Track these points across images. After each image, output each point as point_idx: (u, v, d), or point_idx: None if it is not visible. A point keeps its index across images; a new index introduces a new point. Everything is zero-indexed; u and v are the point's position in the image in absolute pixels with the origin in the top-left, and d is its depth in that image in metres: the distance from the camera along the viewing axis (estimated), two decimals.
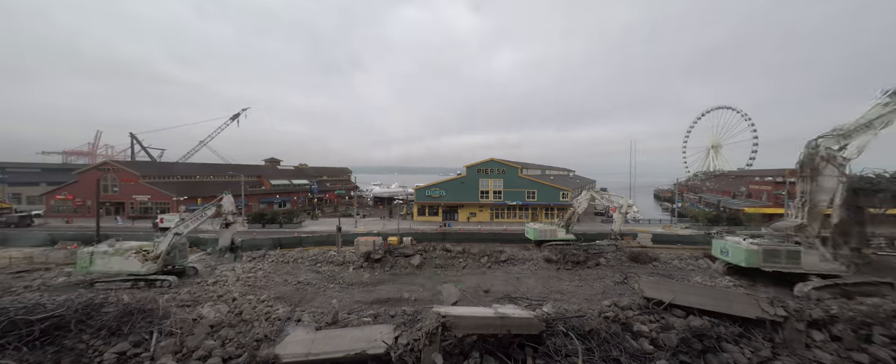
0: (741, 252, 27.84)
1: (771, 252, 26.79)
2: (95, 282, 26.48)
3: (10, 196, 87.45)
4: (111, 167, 71.73)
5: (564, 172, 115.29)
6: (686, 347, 14.16)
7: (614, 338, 14.32)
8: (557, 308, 16.68)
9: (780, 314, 15.53)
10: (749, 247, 27.53)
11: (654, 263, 33.35)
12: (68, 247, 40.84)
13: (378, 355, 13.52)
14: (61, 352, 14.46)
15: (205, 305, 20.24)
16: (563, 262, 33.49)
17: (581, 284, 27.69)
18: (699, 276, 29.48)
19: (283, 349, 14.22)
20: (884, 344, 14.59)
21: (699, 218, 59.65)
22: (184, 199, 64.36)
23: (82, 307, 16.52)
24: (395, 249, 35.35)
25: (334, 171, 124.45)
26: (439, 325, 13.05)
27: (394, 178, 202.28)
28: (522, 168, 68.95)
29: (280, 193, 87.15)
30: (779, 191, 68.00)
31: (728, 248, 29.42)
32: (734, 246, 28.79)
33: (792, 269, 26.39)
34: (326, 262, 33.81)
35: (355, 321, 18.44)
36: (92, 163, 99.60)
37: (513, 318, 13.87)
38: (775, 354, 14.29)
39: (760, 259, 26.82)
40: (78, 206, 70.13)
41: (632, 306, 17.11)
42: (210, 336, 16.22)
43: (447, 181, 70.91)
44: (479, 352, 13.37)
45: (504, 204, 67.06)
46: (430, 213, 69.55)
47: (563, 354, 13.32)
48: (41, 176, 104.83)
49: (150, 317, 16.85)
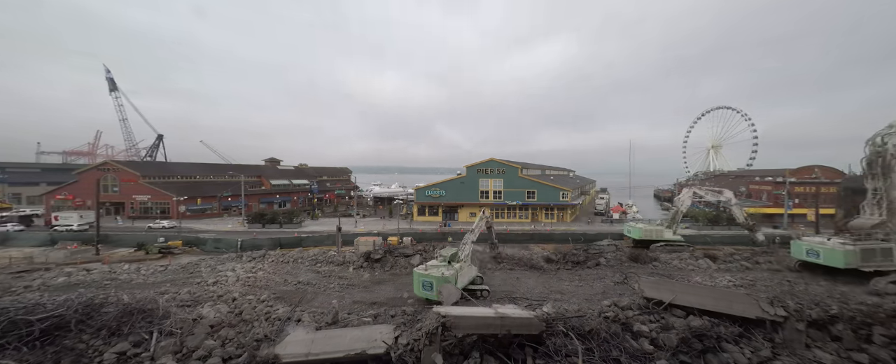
0: (838, 254, 27.31)
1: (868, 251, 26.65)
2: None
3: (10, 196, 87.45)
4: (111, 167, 71.78)
5: (564, 172, 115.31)
6: (686, 347, 14.14)
7: (614, 338, 14.31)
8: (557, 308, 16.68)
9: (780, 314, 15.52)
10: (845, 248, 27.17)
11: (654, 263, 33.35)
12: (68, 247, 40.87)
13: (378, 355, 13.51)
14: (61, 352, 14.45)
15: (205, 305, 20.25)
16: (563, 262, 33.49)
17: (581, 284, 27.67)
18: (699, 276, 29.48)
19: (283, 349, 14.21)
20: (884, 344, 14.57)
21: (699, 218, 59.62)
22: (184, 198, 64.38)
23: (82, 307, 16.51)
24: (395, 249, 35.36)
25: (334, 171, 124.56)
26: (439, 325, 13.04)
27: (394, 178, 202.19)
28: (522, 168, 68.95)
29: (280, 193, 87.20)
30: (779, 191, 67.98)
31: (818, 250, 28.95)
32: (826, 248, 28.28)
33: (887, 267, 26.02)
34: (326, 262, 33.83)
35: (355, 321, 18.43)
36: (92, 163, 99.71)
37: (513, 318, 13.87)
38: (775, 354, 14.27)
39: (859, 259, 26.61)
40: (78, 207, 70.14)
41: (632, 306, 17.10)
42: (210, 336, 16.22)
43: (447, 181, 70.91)
44: (479, 352, 13.36)
45: (504, 204, 67.05)
46: (430, 213, 69.55)
47: (563, 354, 13.31)
48: (41, 176, 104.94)
49: (150, 317, 16.84)
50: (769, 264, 32.78)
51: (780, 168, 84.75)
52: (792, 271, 30.41)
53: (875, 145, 26.90)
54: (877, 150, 26.87)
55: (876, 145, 26.85)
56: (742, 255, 35.19)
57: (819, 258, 28.84)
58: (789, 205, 61.24)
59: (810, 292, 24.37)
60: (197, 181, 79.04)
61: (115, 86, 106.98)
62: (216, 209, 72.69)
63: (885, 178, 26.54)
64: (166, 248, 40.38)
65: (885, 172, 26.54)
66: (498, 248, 35.14)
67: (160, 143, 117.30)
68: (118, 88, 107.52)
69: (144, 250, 39.41)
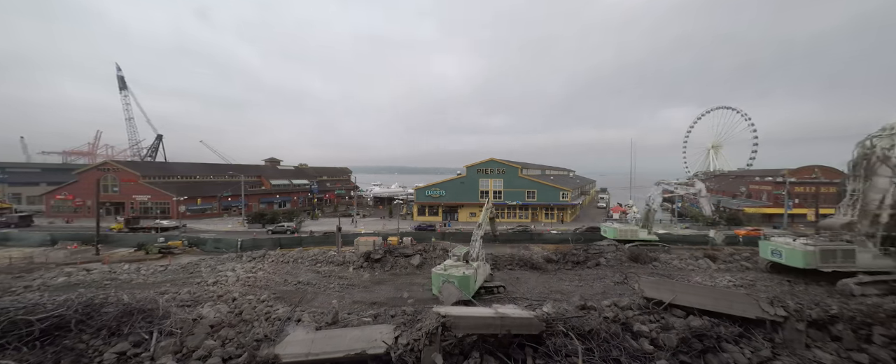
0: (798, 254, 27.32)
1: (828, 252, 26.66)
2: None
3: (10, 196, 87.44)
4: (111, 167, 71.75)
5: (564, 172, 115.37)
6: (686, 347, 14.14)
7: (614, 338, 14.31)
8: (557, 308, 16.68)
9: (780, 314, 15.52)
10: (805, 248, 27.18)
11: (654, 263, 33.37)
12: (68, 247, 40.85)
13: (378, 355, 13.51)
14: (61, 352, 14.44)
15: (205, 305, 20.23)
16: (563, 262, 33.49)
17: (581, 284, 27.67)
18: (699, 276, 29.49)
19: (283, 349, 14.21)
20: (884, 344, 14.58)
21: (699, 218, 59.64)
22: (184, 198, 64.39)
23: (82, 307, 16.49)
24: (395, 249, 35.34)
25: (334, 171, 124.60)
26: (439, 325, 13.04)
27: (394, 179, 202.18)
28: (522, 168, 68.97)
29: (280, 193, 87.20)
30: (779, 191, 67.97)
31: (780, 249, 29.03)
32: (788, 248, 28.33)
33: (847, 268, 26.14)
34: (326, 262, 33.82)
35: (355, 321, 18.42)
36: (92, 163, 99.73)
37: (513, 318, 13.87)
38: (775, 354, 14.28)
39: (818, 259, 26.57)
40: (78, 206, 70.13)
41: (632, 306, 17.10)
42: (210, 336, 16.20)
43: (447, 181, 70.93)
44: (479, 352, 13.36)
45: (504, 204, 67.06)
46: (431, 213, 69.56)
47: (563, 354, 13.31)
48: (41, 176, 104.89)
49: (150, 317, 16.82)
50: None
51: (780, 168, 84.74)
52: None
53: (864, 147, 27.01)
54: (865, 151, 26.96)
55: (865, 147, 26.96)
56: (742, 255, 35.24)
57: (781, 258, 28.91)
58: (789, 205, 61.23)
59: (810, 292, 24.42)
60: (197, 181, 79.05)
61: (125, 84, 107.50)
62: (216, 209, 72.69)
63: (867, 179, 26.61)
64: (166, 248, 40.36)
65: (867, 174, 26.61)
66: (495, 236, 35.41)
67: (160, 143, 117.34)
68: (127, 87, 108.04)
69: (144, 250, 39.39)
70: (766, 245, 30.91)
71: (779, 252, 29.23)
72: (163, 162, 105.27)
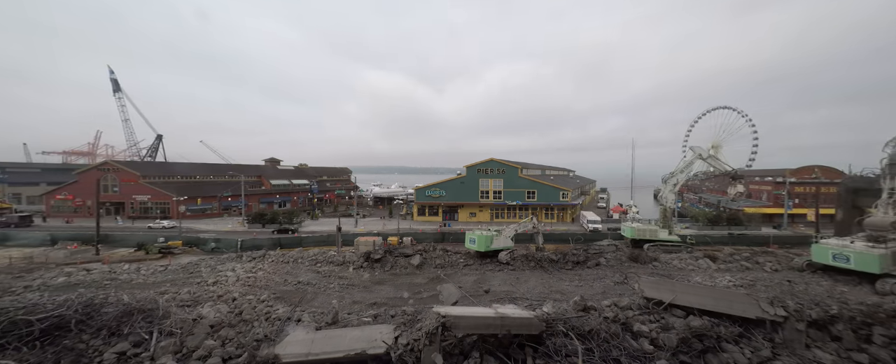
0: (872, 258, 26.31)
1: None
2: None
3: (10, 196, 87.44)
4: (111, 167, 71.75)
5: (564, 172, 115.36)
6: (686, 347, 14.14)
7: (614, 338, 14.31)
8: (557, 308, 16.68)
9: (780, 314, 15.52)
10: (879, 251, 26.49)
11: (654, 263, 33.37)
12: (68, 247, 40.88)
13: (378, 355, 13.51)
14: (61, 352, 14.43)
15: (205, 305, 20.23)
16: (564, 262, 33.48)
17: (581, 284, 27.67)
18: (699, 276, 29.49)
19: (283, 349, 14.20)
20: (884, 344, 14.58)
21: (699, 218, 59.63)
22: (184, 198, 64.37)
23: (82, 307, 16.47)
24: (395, 249, 35.38)
25: (334, 171, 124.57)
26: (439, 325, 13.04)
27: (394, 179, 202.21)
28: (522, 168, 68.95)
29: (280, 193, 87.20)
30: (779, 191, 67.97)
31: (847, 254, 27.70)
32: (856, 252, 27.36)
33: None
34: (326, 262, 33.83)
35: (355, 321, 18.42)
36: (92, 163, 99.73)
37: (513, 318, 13.86)
38: (775, 354, 14.28)
39: (891, 262, 26.09)
40: (78, 206, 70.14)
41: (632, 306, 17.09)
42: (210, 336, 16.20)
43: (447, 181, 70.89)
44: (479, 352, 13.36)
45: (504, 204, 67.05)
46: (430, 213, 69.55)
47: (563, 354, 13.31)
48: (41, 176, 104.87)
49: (150, 317, 16.81)
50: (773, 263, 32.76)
51: (780, 168, 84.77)
52: (799, 271, 30.18)
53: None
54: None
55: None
56: (742, 255, 35.25)
57: (849, 263, 27.45)
58: (789, 205, 61.22)
59: (810, 292, 24.41)
60: (197, 181, 79.06)
61: (119, 87, 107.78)
62: (216, 209, 72.69)
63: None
64: (166, 248, 40.37)
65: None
66: (542, 250, 36.52)
67: (160, 143, 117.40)
68: (121, 89, 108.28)
69: (144, 250, 39.41)
70: (825, 249, 29.26)
71: (844, 257, 27.65)
72: (163, 162, 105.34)
